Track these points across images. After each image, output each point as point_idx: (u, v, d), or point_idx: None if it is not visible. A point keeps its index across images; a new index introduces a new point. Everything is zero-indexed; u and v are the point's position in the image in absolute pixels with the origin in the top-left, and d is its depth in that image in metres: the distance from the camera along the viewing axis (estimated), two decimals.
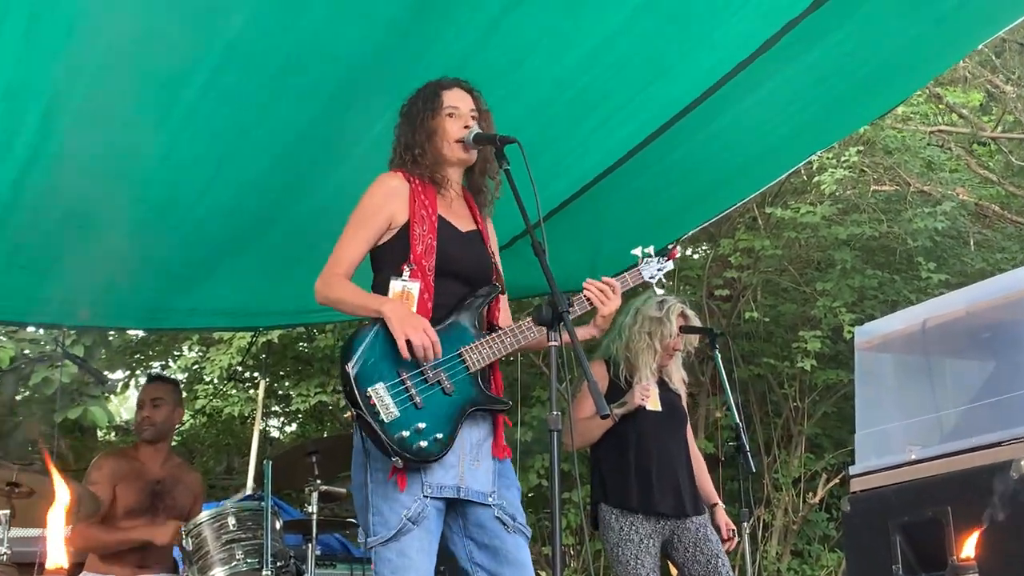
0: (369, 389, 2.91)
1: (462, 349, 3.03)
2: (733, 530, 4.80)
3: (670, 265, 3.34)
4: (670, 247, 3.49)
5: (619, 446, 4.61)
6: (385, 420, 2.88)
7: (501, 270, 3.25)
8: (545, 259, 2.84)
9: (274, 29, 3.41)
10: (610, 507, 4.56)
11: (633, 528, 4.48)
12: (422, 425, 2.91)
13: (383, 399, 2.90)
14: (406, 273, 3.07)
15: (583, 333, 3.19)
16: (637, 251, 3.31)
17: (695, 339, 4.93)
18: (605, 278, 3.16)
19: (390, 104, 3.83)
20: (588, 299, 3.13)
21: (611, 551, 4.52)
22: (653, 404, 4.67)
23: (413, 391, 2.94)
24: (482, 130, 3.17)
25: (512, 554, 3.05)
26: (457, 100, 3.22)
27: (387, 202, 3.16)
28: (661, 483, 4.56)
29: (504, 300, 3.31)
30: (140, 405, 5.11)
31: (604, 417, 2.75)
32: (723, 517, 4.85)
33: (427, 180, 3.19)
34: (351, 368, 2.93)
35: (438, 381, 2.97)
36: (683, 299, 4.89)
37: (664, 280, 3.36)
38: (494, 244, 3.33)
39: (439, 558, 3.03)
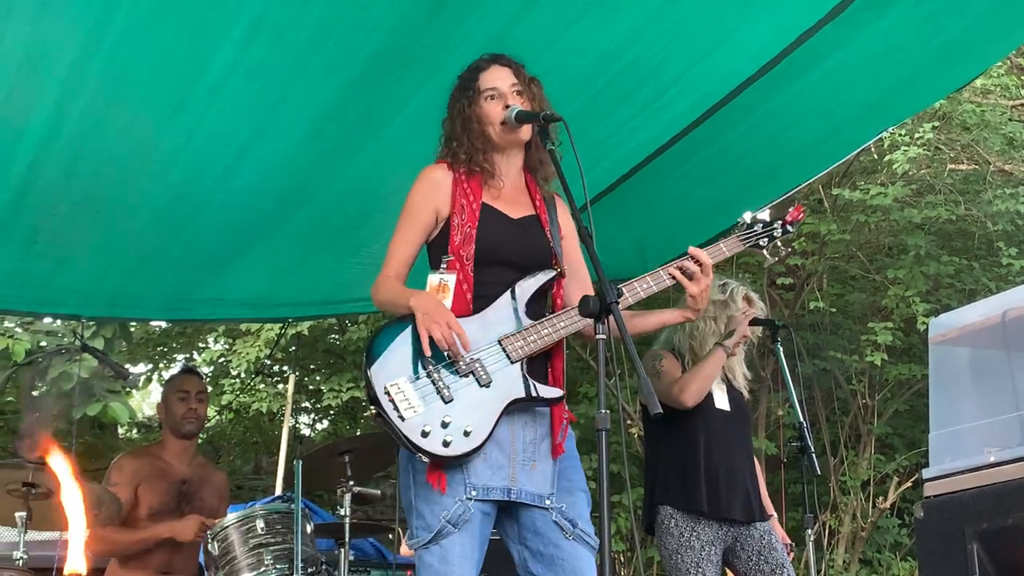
0: (388, 384, 2.92)
1: (502, 338, 3.03)
2: (791, 545, 4.76)
3: (790, 229, 3.33)
4: (790, 209, 3.39)
5: (687, 445, 4.57)
6: (405, 417, 2.89)
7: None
8: (592, 245, 2.83)
9: None
10: (674, 509, 4.51)
11: (694, 534, 4.44)
12: (448, 419, 2.90)
13: (405, 394, 2.91)
14: (443, 264, 3.11)
15: (673, 316, 3.26)
16: (746, 216, 3.30)
17: (756, 331, 4.90)
18: (694, 251, 3.13)
19: (425, 80, 3.84)
20: (672, 276, 3.13)
21: (669, 558, 4.49)
22: (721, 402, 4.65)
23: (440, 384, 2.94)
24: (529, 102, 3.17)
25: (569, 563, 3.01)
26: (496, 79, 3.20)
27: (430, 195, 3.19)
28: (730, 487, 4.52)
29: (575, 281, 3.23)
30: (183, 398, 5.15)
31: (656, 417, 2.73)
32: (779, 530, 4.82)
33: (473, 170, 3.20)
34: (370, 364, 2.97)
35: (472, 372, 2.96)
36: (745, 283, 4.87)
37: (780, 246, 3.33)
38: (568, 226, 3.26)
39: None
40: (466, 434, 2.91)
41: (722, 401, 4.66)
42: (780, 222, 3.32)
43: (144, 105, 3.92)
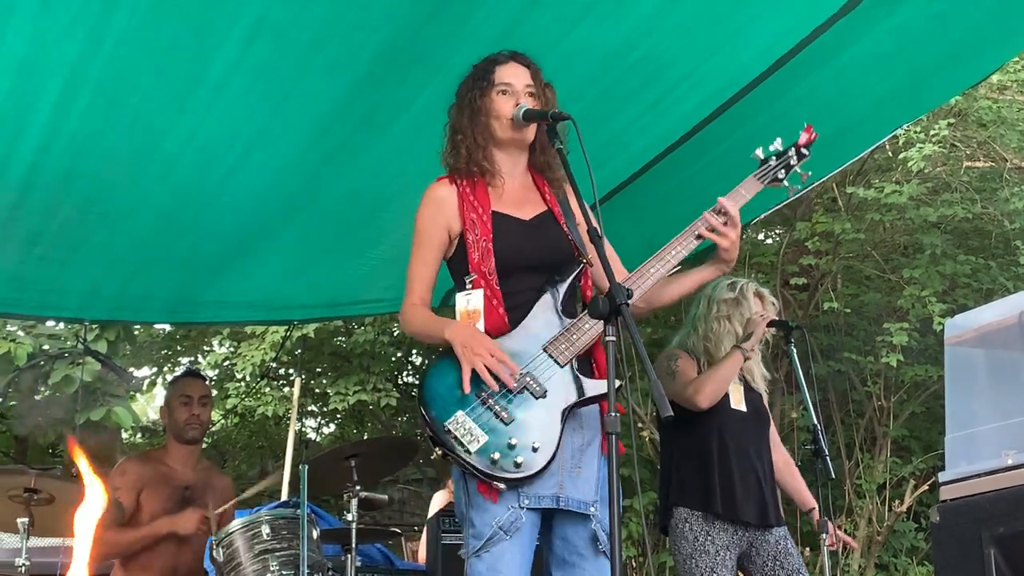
0: (447, 423, 2.93)
1: (546, 344, 3.03)
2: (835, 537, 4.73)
3: (805, 153, 3.33)
4: (801, 132, 3.39)
5: (702, 445, 4.57)
6: (471, 450, 2.90)
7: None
8: (602, 246, 2.83)
9: None
10: (689, 510, 4.50)
11: (709, 538, 4.44)
12: (514, 440, 2.90)
13: (465, 427, 2.92)
14: (468, 284, 3.11)
15: (708, 271, 3.22)
16: (759, 152, 3.29)
17: (769, 332, 4.89)
18: (723, 201, 3.13)
19: (429, 78, 3.85)
20: (700, 236, 3.11)
21: (683, 562, 4.49)
22: (738, 403, 4.64)
23: (497, 407, 2.94)
24: (541, 107, 3.17)
25: (589, 574, 3.03)
26: (511, 75, 3.20)
27: (438, 214, 3.19)
28: (745, 489, 4.51)
29: (608, 265, 3.10)
30: (185, 403, 5.14)
31: (666, 419, 2.73)
32: (824, 524, 4.78)
33: (475, 176, 3.20)
34: (427, 408, 2.97)
35: (525, 387, 2.96)
36: (756, 281, 4.86)
37: (800, 173, 3.33)
38: (580, 215, 3.20)
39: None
40: (535, 450, 2.91)
41: (739, 402, 4.65)
42: (793, 147, 3.34)
43: (146, 105, 3.93)
